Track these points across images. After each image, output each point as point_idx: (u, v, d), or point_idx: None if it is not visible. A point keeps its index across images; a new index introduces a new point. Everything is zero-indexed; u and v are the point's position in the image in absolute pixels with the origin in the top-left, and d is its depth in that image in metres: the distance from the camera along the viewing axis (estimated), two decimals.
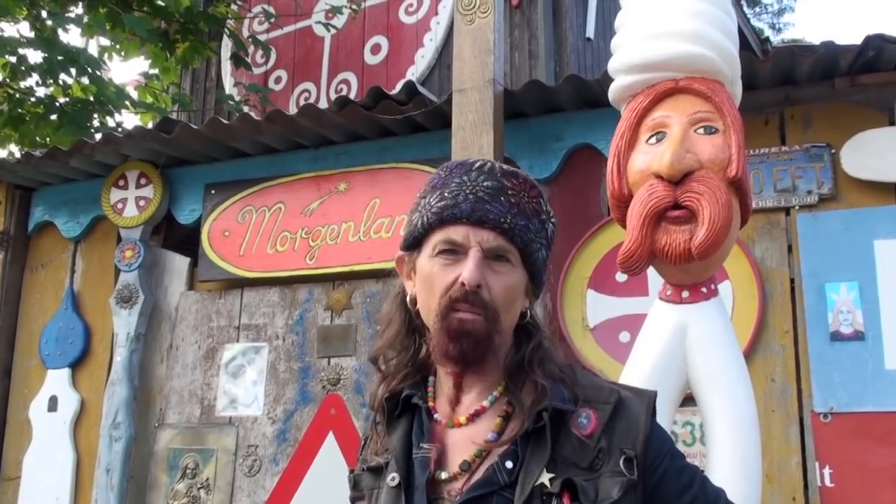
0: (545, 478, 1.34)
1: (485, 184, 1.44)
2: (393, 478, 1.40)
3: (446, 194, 1.45)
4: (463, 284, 1.39)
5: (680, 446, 3.46)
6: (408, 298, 1.52)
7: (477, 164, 1.47)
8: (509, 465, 1.37)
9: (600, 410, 1.41)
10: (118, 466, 4.43)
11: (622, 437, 1.39)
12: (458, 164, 1.49)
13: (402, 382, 1.50)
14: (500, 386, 1.46)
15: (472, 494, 1.35)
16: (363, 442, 1.57)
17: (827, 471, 3.32)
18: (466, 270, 1.39)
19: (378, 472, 1.46)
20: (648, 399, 1.43)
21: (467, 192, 1.44)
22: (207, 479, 4.32)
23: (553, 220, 1.52)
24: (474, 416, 1.45)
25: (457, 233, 1.42)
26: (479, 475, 1.38)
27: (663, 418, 2.41)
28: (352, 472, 1.56)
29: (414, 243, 1.49)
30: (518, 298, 1.45)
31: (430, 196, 1.47)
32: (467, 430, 1.44)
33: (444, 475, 1.40)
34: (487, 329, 1.39)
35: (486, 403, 1.45)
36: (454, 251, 1.42)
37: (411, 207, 1.52)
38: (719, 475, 2.19)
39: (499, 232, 1.42)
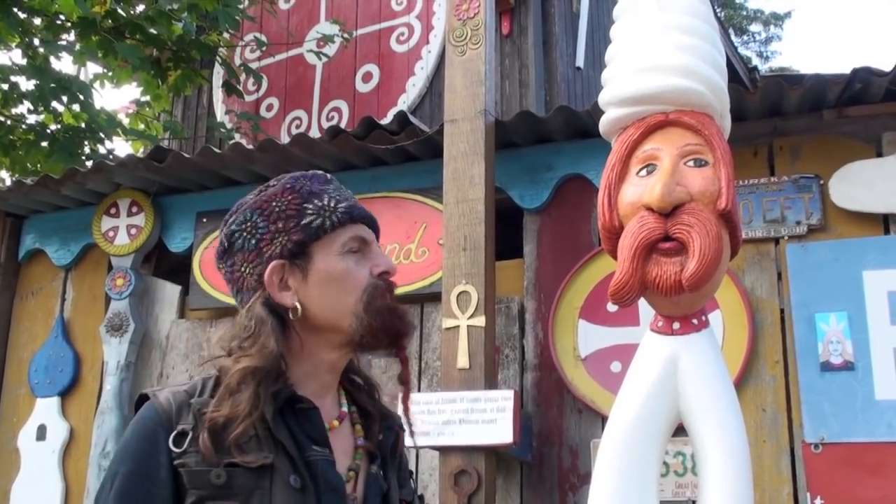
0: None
1: (347, 191, 1.56)
2: (295, 479, 1.35)
3: (338, 196, 1.51)
4: (388, 273, 1.49)
5: (672, 476, 3.47)
6: (290, 311, 1.44)
7: (322, 175, 1.55)
8: (381, 472, 1.49)
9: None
10: None
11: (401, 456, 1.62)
12: (309, 177, 1.53)
13: (278, 383, 1.40)
14: (342, 390, 1.55)
15: (376, 501, 1.45)
16: (187, 434, 1.36)
17: (818, 501, 3.31)
18: (387, 261, 1.51)
19: (261, 471, 1.34)
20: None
21: (347, 195, 1.54)
22: None
23: None
24: (341, 419, 1.50)
25: (364, 231, 1.51)
26: (362, 479, 1.47)
27: (656, 448, 2.41)
28: (204, 469, 1.34)
29: (301, 249, 1.45)
30: None
31: (315, 201, 1.48)
32: (339, 433, 1.48)
33: (343, 478, 1.43)
34: None
35: (345, 408, 1.52)
36: (359, 250, 1.49)
37: (268, 224, 1.46)
38: None
39: (375, 229, 1.56)
